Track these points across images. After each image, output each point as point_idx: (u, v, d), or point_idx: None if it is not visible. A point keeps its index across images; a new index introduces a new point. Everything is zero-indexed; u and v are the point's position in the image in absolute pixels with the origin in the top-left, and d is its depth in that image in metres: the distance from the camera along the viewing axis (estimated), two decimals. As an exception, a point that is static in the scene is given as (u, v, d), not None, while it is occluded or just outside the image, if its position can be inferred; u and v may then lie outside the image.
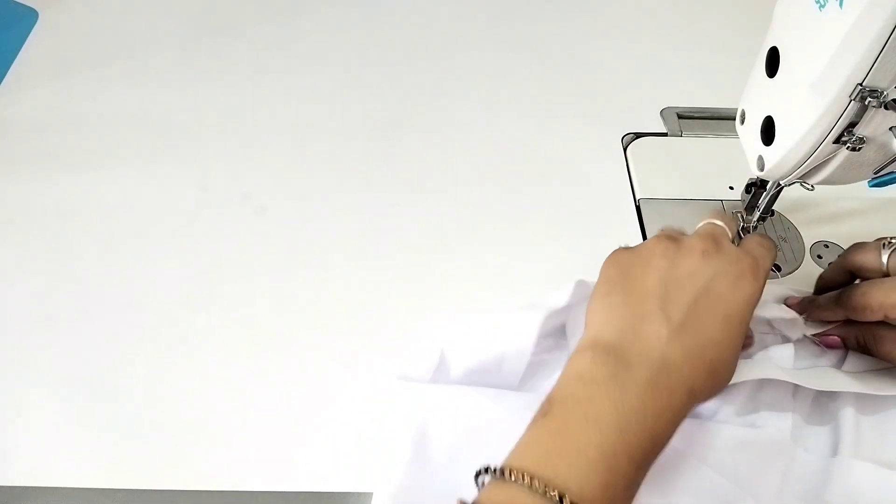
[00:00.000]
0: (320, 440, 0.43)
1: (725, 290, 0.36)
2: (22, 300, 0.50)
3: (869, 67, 0.34)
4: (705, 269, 0.36)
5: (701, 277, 0.36)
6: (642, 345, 0.34)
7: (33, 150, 0.60)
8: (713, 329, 0.35)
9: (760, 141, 0.42)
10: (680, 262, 0.37)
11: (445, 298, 0.50)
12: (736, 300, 0.36)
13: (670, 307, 0.35)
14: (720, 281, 0.36)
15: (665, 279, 0.36)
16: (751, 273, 0.36)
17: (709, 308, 0.35)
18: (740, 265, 0.36)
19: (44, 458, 0.43)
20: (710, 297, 0.35)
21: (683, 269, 0.36)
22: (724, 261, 0.37)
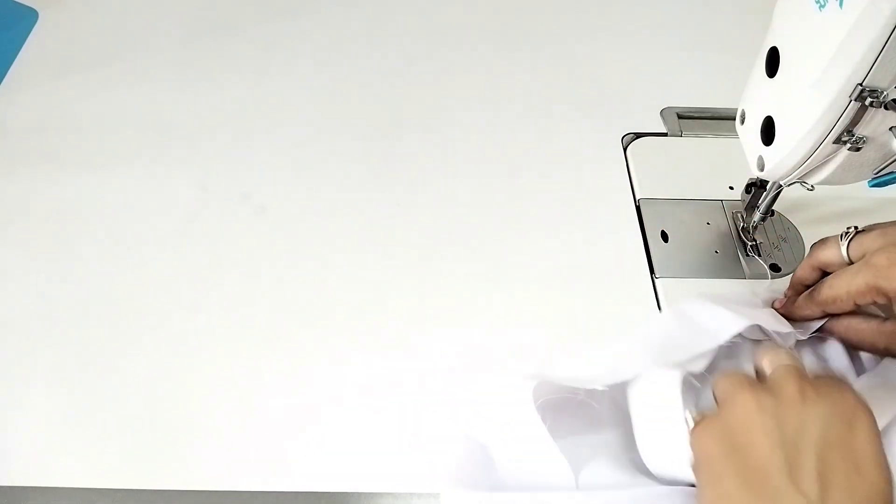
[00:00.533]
0: (320, 440, 0.43)
1: (845, 436, 0.32)
2: (22, 300, 0.50)
3: (869, 67, 0.33)
4: (815, 418, 0.32)
5: (815, 429, 0.32)
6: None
7: (33, 150, 0.60)
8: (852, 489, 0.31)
9: (760, 141, 0.42)
10: (785, 416, 0.32)
11: (445, 298, 0.50)
12: (860, 443, 0.32)
13: (800, 477, 0.31)
14: (835, 427, 0.32)
15: (778, 442, 0.32)
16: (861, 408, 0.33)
17: (839, 464, 0.31)
18: (846, 403, 0.33)
19: (44, 458, 0.43)
20: (832, 450, 0.31)
21: (792, 424, 0.32)
22: (828, 403, 0.33)
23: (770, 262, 0.52)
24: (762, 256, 0.52)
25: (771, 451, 0.31)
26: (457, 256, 0.53)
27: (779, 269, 0.51)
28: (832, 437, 0.32)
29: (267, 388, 0.46)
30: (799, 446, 0.31)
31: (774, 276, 0.51)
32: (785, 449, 0.31)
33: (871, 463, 0.31)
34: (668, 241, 0.53)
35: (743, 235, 0.52)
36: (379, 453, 0.43)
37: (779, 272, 0.51)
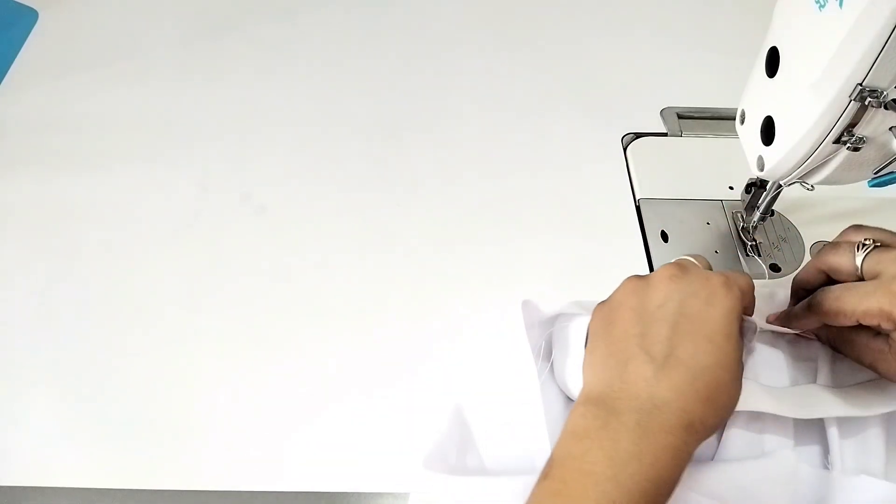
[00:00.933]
0: (320, 440, 0.43)
1: (700, 310, 0.35)
2: (22, 300, 0.50)
3: (869, 67, 0.33)
4: (674, 294, 0.36)
5: (672, 304, 0.36)
6: (629, 389, 0.34)
7: (33, 150, 0.60)
8: (698, 354, 0.34)
9: (760, 141, 0.42)
10: (649, 294, 0.37)
11: (445, 298, 0.50)
12: (714, 317, 0.35)
13: (650, 343, 0.35)
14: (692, 302, 0.35)
15: (639, 315, 0.36)
16: (722, 287, 0.36)
17: (688, 333, 0.35)
18: (710, 282, 0.36)
19: (44, 458, 0.43)
20: (686, 321, 0.35)
21: (654, 300, 0.36)
22: (692, 282, 0.36)
23: (770, 262, 0.52)
24: (762, 256, 0.52)
25: (631, 323, 0.36)
26: (457, 256, 0.53)
27: (779, 269, 0.51)
28: (689, 310, 0.35)
29: (267, 388, 0.46)
30: (655, 317, 0.36)
31: (774, 276, 0.51)
32: (643, 320, 0.36)
33: (721, 334, 0.34)
34: (668, 241, 0.53)
35: (743, 235, 0.52)
36: (379, 453, 0.43)
37: (779, 272, 0.51)
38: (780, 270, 0.51)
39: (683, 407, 0.33)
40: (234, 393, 0.46)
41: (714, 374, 0.34)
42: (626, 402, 0.33)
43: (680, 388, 0.33)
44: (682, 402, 0.33)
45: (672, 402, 0.33)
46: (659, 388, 0.33)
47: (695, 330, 0.35)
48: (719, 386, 0.34)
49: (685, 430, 0.33)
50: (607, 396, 0.34)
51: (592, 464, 0.32)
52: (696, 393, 0.33)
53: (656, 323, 0.35)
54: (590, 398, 0.35)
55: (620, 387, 0.34)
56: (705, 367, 0.34)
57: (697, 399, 0.33)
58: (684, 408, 0.33)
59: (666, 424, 0.32)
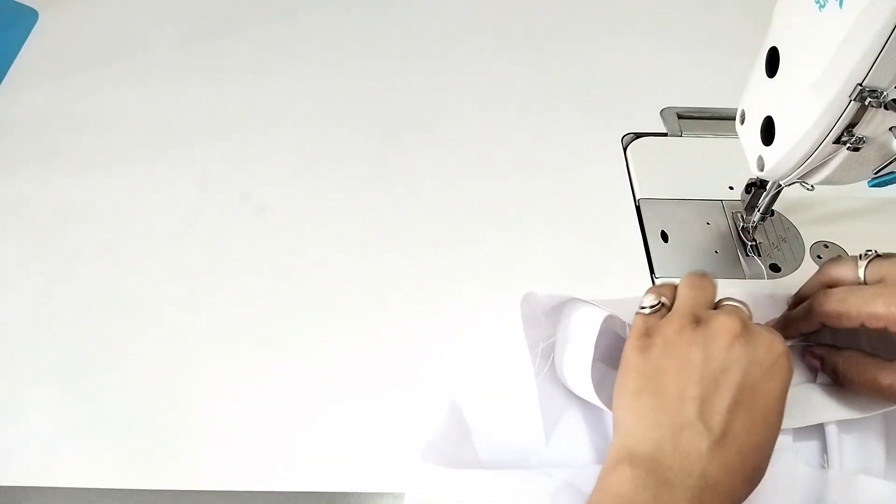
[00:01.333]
0: (320, 440, 0.43)
1: (762, 382, 0.34)
2: (22, 300, 0.50)
3: (869, 67, 0.33)
4: (741, 359, 0.34)
5: (737, 370, 0.34)
6: (682, 461, 0.32)
7: (33, 150, 0.60)
8: (754, 433, 0.33)
9: (760, 141, 0.42)
10: (713, 352, 0.34)
11: (445, 298, 0.50)
12: (773, 394, 0.34)
13: (709, 414, 0.33)
14: (755, 372, 0.34)
15: (701, 376, 0.34)
16: (785, 358, 0.34)
17: (747, 406, 0.33)
18: (774, 350, 0.35)
19: (44, 458, 0.43)
20: (747, 394, 0.33)
21: (717, 363, 0.34)
22: (757, 347, 0.34)
23: (770, 262, 0.52)
24: (762, 256, 0.52)
25: (691, 383, 0.34)
26: (457, 256, 0.53)
27: (778, 269, 0.51)
28: (750, 382, 0.34)
29: (267, 388, 0.46)
30: (718, 383, 0.34)
31: (773, 276, 0.51)
32: (704, 384, 0.34)
33: (775, 411, 0.34)
34: (668, 241, 0.53)
35: (743, 235, 0.52)
36: (379, 453, 0.43)
37: (778, 272, 0.51)
38: (779, 270, 0.51)
39: (730, 488, 0.32)
40: (234, 393, 0.46)
41: (762, 455, 0.33)
42: (679, 475, 0.32)
43: (731, 468, 0.32)
44: (729, 482, 0.32)
45: (722, 482, 0.32)
46: (712, 465, 0.32)
47: (755, 406, 0.33)
48: (762, 464, 0.33)
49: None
50: (657, 462, 0.32)
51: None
52: (743, 474, 0.33)
53: (718, 390, 0.33)
54: (634, 456, 0.33)
55: (672, 455, 0.32)
56: (757, 446, 0.33)
57: (744, 480, 0.33)
58: (731, 487, 0.32)
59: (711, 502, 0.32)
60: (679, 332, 0.35)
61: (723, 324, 0.35)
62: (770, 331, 0.36)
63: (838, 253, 0.52)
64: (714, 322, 0.35)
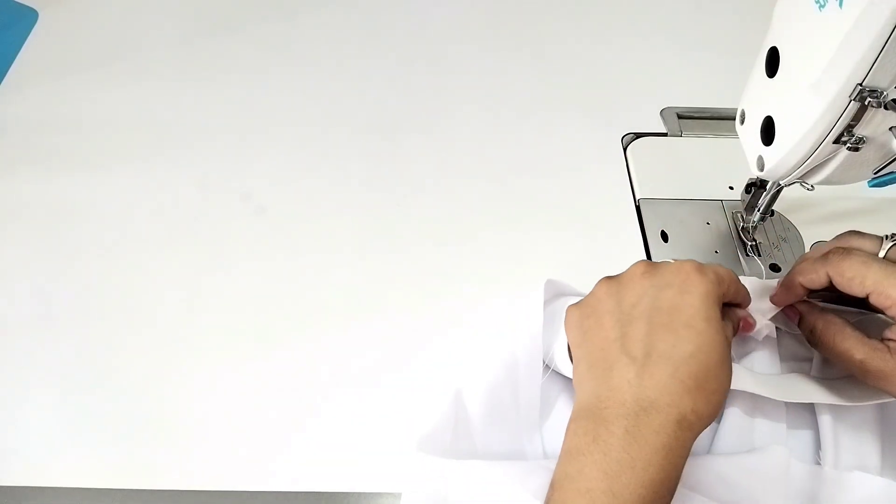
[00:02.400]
0: (320, 440, 0.43)
1: (675, 299, 0.34)
2: (22, 300, 0.50)
3: (869, 67, 0.34)
4: (648, 289, 0.36)
5: (647, 300, 0.35)
6: (615, 396, 0.33)
7: (33, 150, 0.60)
8: (678, 343, 0.33)
9: (760, 141, 0.42)
10: (623, 294, 0.36)
11: (445, 299, 0.50)
12: (689, 303, 0.34)
13: (629, 345, 0.34)
14: (666, 294, 0.35)
15: (616, 318, 0.35)
16: (695, 272, 0.35)
17: (665, 325, 0.34)
18: (682, 270, 0.36)
19: (44, 458, 0.43)
20: (662, 313, 0.34)
21: (629, 299, 0.36)
22: (664, 274, 0.36)
23: (770, 262, 0.52)
24: (762, 256, 0.52)
25: (609, 328, 0.35)
26: (457, 257, 0.53)
27: (778, 269, 0.51)
28: (664, 303, 0.35)
29: (267, 388, 0.46)
30: (632, 316, 0.35)
31: (773, 275, 0.51)
32: (621, 323, 0.35)
33: (699, 318, 0.34)
34: (668, 241, 0.53)
35: (743, 235, 0.52)
36: (379, 453, 0.43)
37: (778, 272, 0.51)
38: (779, 270, 0.51)
39: (670, 402, 0.32)
40: (234, 392, 0.46)
41: (698, 361, 0.33)
42: (614, 409, 0.33)
43: (664, 383, 0.32)
44: (668, 397, 0.32)
45: (658, 399, 0.32)
46: (643, 388, 0.33)
47: (672, 320, 0.34)
48: (706, 371, 0.33)
49: (677, 425, 0.32)
50: (595, 408, 0.34)
51: (588, 481, 0.31)
52: (681, 384, 0.32)
53: (633, 322, 0.35)
54: (580, 412, 0.34)
55: (607, 395, 0.33)
56: (688, 355, 0.33)
57: (685, 390, 0.32)
58: (671, 402, 0.32)
59: (655, 425, 0.32)
60: (595, 294, 0.38)
61: (630, 271, 0.37)
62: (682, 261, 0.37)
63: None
64: (625, 272, 0.38)
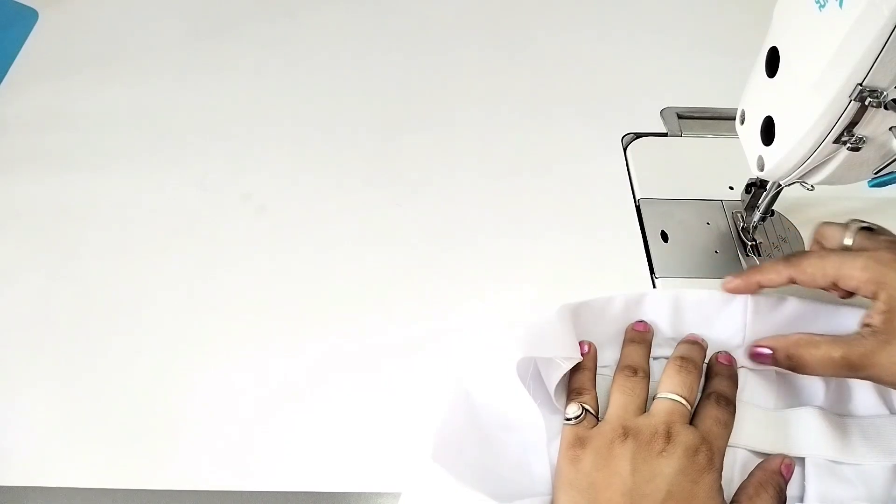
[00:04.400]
0: (320, 440, 0.43)
1: (688, 491, 0.35)
2: (22, 300, 0.50)
3: (869, 67, 0.33)
4: (665, 470, 0.36)
5: (662, 481, 0.36)
6: None
7: (33, 150, 0.60)
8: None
9: (760, 141, 0.42)
10: (639, 464, 0.36)
11: (445, 299, 0.50)
12: (699, 493, 0.36)
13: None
14: (681, 482, 0.36)
15: (629, 488, 0.36)
16: (707, 465, 0.36)
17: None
18: (697, 463, 0.36)
19: (44, 458, 0.43)
20: (674, 499, 0.35)
21: (643, 474, 0.36)
22: (681, 457, 0.36)
23: (770, 262, 0.52)
24: (762, 256, 0.52)
25: (619, 494, 0.36)
26: (457, 257, 0.53)
27: (779, 269, 0.51)
28: (676, 492, 0.35)
29: (267, 388, 0.46)
30: (644, 495, 0.35)
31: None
32: (632, 495, 0.35)
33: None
34: (668, 241, 0.53)
35: (743, 235, 0.52)
36: (379, 453, 0.43)
37: (779, 272, 0.51)
38: (780, 270, 0.51)
39: None
40: (235, 392, 0.46)
41: None
42: None
43: None
44: None
45: None
46: None
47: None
48: None
49: None
50: None
51: None
52: None
53: (645, 500, 0.35)
54: None
55: None
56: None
57: None
58: None
59: None
60: (609, 446, 0.38)
61: (649, 437, 0.37)
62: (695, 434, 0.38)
63: (838, 253, 0.52)
64: (641, 434, 0.38)
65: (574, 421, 0.40)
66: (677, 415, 0.39)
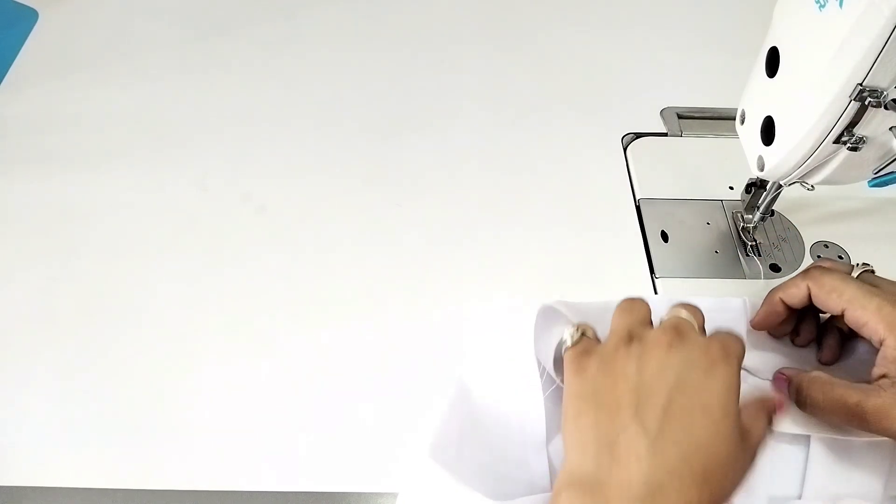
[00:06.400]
0: (320, 440, 0.43)
1: (699, 381, 0.33)
2: (22, 300, 0.50)
3: (869, 67, 0.34)
4: (674, 362, 0.34)
5: (671, 373, 0.33)
6: (621, 473, 0.31)
7: (33, 150, 0.60)
8: (695, 430, 0.32)
9: (760, 141, 0.42)
10: (647, 361, 0.34)
11: (445, 298, 0.50)
12: (712, 389, 0.33)
13: (644, 415, 0.32)
14: (691, 372, 0.33)
15: (636, 385, 0.33)
16: (722, 360, 0.34)
17: (684, 407, 0.32)
18: (710, 353, 0.34)
19: (44, 458, 0.43)
20: (684, 391, 0.33)
21: (652, 369, 0.34)
22: (692, 350, 0.34)
23: (770, 262, 0.52)
24: (762, 256, 0.52)
25: (626, 392, 0.33)
26: (457, 256, 0.53)
27: (779, 269, 0.51)
28: (687, 382, 0.33)
29: (267, 388, 0.46)
30: (652, 388, 0.33)
31: (773, 276, 0.51)
32: (639, 391, 0.33)
33: (718, 407, 0.32)
34: (668, 241, 0.53)
35: (743, 235, 0.52)
36: (379, 453, 0.43)
37: (778, 272, 0.51)
38: (780, 270, 0.51)
39: (679, 489, 0.30)
40: (234, 392, 0.46)
41: (709, 453, 0.32)
42: (616, 490, 0.31)
43: (675, 469, 0.31)
44: (678, 482, 0.30)
45: (667, 485, 0.30)
46: (653, 467, 0.31)
47: (692, 403, 0.33)
48: (716, 464, 0.32)
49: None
50: (595, 480, 0.31)
51: None
52: (691, 472, 0.31)
53: (653, 395, 0.33)
54: (574, 479, 0.32)
55: (610, 466, 0.31)
56: (700, 446, 0.32)
57: (693, 481, 0.31)
58: (680, 490, 0.30)
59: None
60: (614, 350, 0.35)
61: (656, 336, 0.35)
62: (709, 337, 0.36)
63: (838, 253, 0.52)
64: (648, 336, 0.35)
65: (570, 342, 0.37)
66: (687, 324, 0.36)
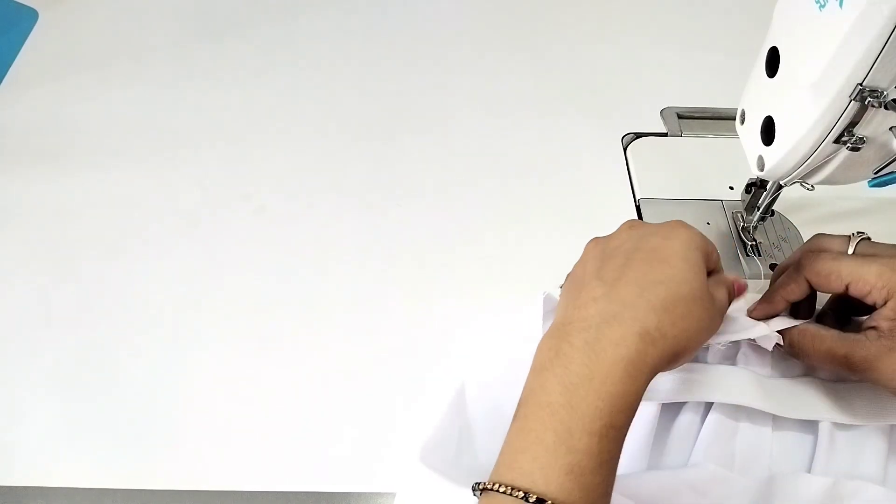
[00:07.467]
0: (320, 440, 0.44)
1: (657, 243, 0.35)
2: (22, 300, 0.50)
3: (869, 67, 0.34)
4: (634, 235, 0.37)
5: (630, 242, 0.36)
6: (580, 313, 0.33)
7: (33, 150, 0.60)
8: (650, 272, 0.34)
9: (760, 141, 0.42)
10: (609, 240, 0.38)
11: (445, 299, 0.50)
12: (669, 246, 0.35)
13: (603, 271, 0.35)
14: (650, 239, 0.36)
15: (598, 257, 0.37)
16: (681, 225, 0.36)
17: (642, 259, 0.35)
18: (669, 223, 0.37)
19: (44, 458, 0.43)
20: (642, 250, 0.35)
21: (613, 243, 0.37)
22: (652, 227, 0.37)
23: (770, 262, 0.52)
24: (762, 256, 0.52)
25: (590, 262, 0.37)
26: (457, 257, 0.53)
27: (779, 269, 0.51)
28: (645, 245, 0.35)
29: (266, 388, 0.46)
30: (613, 253, 0.36)
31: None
32: (601, 259, 0.37)
33: (677, 257, 0.34)
34: (668, 241, 0.53)
35: (743, 235, 0.52)
36: (379, 453, 0.43)
37: (779, 272, 0.51)
38: (780, 270, 0.51)
39: (634, 316, 0.32)
40: (234, 393, 0.46)
41: (667, 287, 0.33)
42: (577, 324, 0.33)
43: (629, 300, 0.33)
44: (632, 311, 0.32)
45: (621, 313, 0.32)
46: (608, 303, 0.33)
47: (649, 257, 0.35)
48: (675, 298, 0.33)
49: (638, 338, 0.32)
50: (561, 325, 0.34)
51: (549, 394, 0.31)
52: (647, 303, 0.32)
53: (612, 258, 0.36)
54: (549, 332, 0.35)
55: (573, 313, 0.34)
56: (657, 281, 0.33)
57: (650, 308, 0.32)
58: (635, 317, 0.32)
59: (615, 337, 0.32)
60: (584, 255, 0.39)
61: (619, 227, 0.39)
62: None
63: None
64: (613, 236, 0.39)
65: None
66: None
